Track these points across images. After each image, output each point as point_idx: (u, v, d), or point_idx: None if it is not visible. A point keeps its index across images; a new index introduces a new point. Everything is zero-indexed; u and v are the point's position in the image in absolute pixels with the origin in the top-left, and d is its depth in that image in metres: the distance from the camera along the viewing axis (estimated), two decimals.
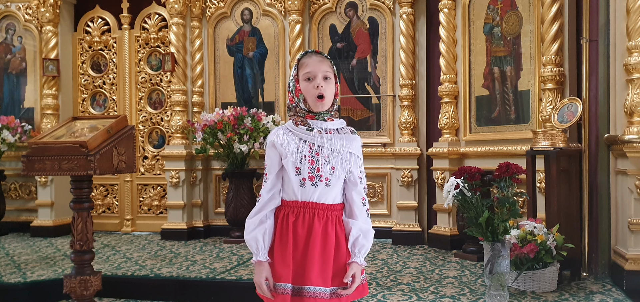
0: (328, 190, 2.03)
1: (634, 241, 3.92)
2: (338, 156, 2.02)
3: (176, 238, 6.33)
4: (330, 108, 2.07)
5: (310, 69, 2.03)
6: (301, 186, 2.02)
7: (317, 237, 2.02)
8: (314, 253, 2.01)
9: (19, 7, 7.09)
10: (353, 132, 2.10)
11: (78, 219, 3.47)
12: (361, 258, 2.04)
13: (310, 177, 2.02)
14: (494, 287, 3.57)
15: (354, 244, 2.05)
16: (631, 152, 3.83)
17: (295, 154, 2.01)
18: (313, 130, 2.03)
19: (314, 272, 1.99)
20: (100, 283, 3.56)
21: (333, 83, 2.06)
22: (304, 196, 2.03)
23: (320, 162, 2.02)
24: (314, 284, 1.99)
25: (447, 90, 5.71)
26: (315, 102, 2.03)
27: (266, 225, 2.06)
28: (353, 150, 2.06)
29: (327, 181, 2.02)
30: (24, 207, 7.16)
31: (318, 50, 2.13)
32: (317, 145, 2.02)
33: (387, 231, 6.03)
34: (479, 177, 4.57)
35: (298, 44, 6.25)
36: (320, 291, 1.99)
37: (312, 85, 2.02)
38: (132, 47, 6.94)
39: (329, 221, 2.04)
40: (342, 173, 2.04)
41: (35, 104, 7.07)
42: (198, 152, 6.25)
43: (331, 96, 2.06)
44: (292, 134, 2.05)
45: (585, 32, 4.35)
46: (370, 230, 2.08)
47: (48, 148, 3.36)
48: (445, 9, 5.71)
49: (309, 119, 2.05)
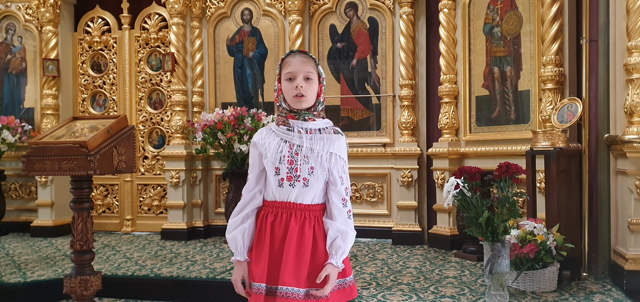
0: (306, 190, 2.02)
1: (634, 241, 3.92)
2: (317, 156, 2.01)
3: (176, 238, 6.33)
4: (313, 108, 2.06)
5: (292, 68, 2.04)
6: (279, 186, 2.02)
7: (292, 236, 2.01)
8: (289, 253, 1.99)
9: (19, 7, 7.08)
10: (337, 132, 2.08)
11: (78, 219, 3.47)
12: (338, 260, 2.01)
13: (288, 177, 2.01)
14: (494, 287, 3.57)
15: (331, 246, 2.02)
16: (631, 152, 3.83)
17: (275, 154, 2.02)
18: (293, 130, 2.03)
19: (287, 272, 1.98)
20: (100, 283, 3.56)
21: (316, 83, 2.06)
22: (282, 196, 2.03)
23: (299, 162, 2.01)
24: (286, 284, 1.97)
25: (447, 90, 5.71)
26: (294, 100, 2.03)
27: (246, 224, 2.07)
28: (334, 150, 2.03)
29: (305, 181, 2.01)
30: (24, 207, 7.15)
31: (303, 50, 2.13)
32: (296, 145, 2.02)
33: (387, 231, 6.03)
34: (479, 177, 4.57)
35: (298, 44, 6.25)
36: (292, 291, 1.97)
37: (292, 86, 2.03)
38: (132, 47, 6.94)
39: (306, 221, 2.03)
40: (322, 173, 2.03)
41: (35, 104, 7.07)
42: (198, 152, 6.26)
43: (313, 96, 2.05)
44: (273, 134, 2.06)
45: (585, 32, 4.35)
46: (349, 232, 2.03)
47: (48, 148, 3.36)
48: (445, 9, 5.71)
49: (290, 119, 2.05)
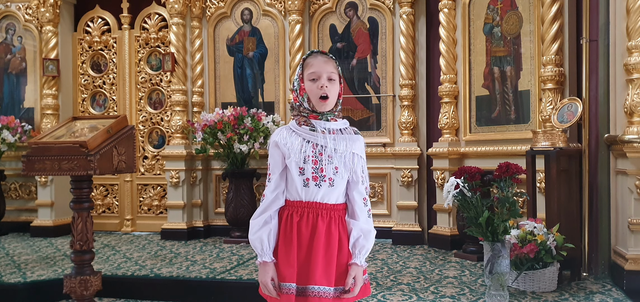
0: (331, 190, 2.04)
1: (634, 241, 3.92)
2: (341, 156, 2.04)
3: (176, 238, 6.33)
4: (334, 108, 2.08)
5: (315, 69, 2.05)
6: (305, 186, 2.03)
7: (320, 237, 2.03)
8: (318, 253, 2.02)
9: (19, 7, 7.08)
10: (356, 133, 2.12)
11: (78, 219, 3.47)
12: (362, 259, 2.05)
13: (314, 177, 2.02)
14: (494, 287, 3.57)
15: (355, 245, 2.05)
16: (631, 152, 3.83)
17: (299, 154, 2.02)
18: (316, 131, 2.03)
19: (317, 271, 2.00)
20: (100, 283, 3.56)
21: (337, 84, 2.07)
22: (308, 196, 2.04)
23: (323, 162, 2.02)
24: (318, 284, 2.00)
25: (447, 90, 5.71)
26: (319, 103, 2.04)
27: (271, 225, 2.07)
28: (356, 150, 2.07)
29: (331, 181, 2.03)
30: (24, 207, 7.16)
31: (323, 51, 2.14)
32: (320, 146, 2.03)
33: (387, 231, 6.03)
34: (479, 177, 4.56)
35: (298, 44, 6.25)
36: (324, 290, 2.00)
37: (317, 86, 2.03)
38: (132, 47, 6.94)
39: (332, 220, 2.05)
40: (346, 173, 2.05)
41: (35, 104, 7.07)
42: (198, 152, 6.25)
43: (335, 97, 2.07)
44: (295, 134, 2.05)
45: (585, 32, 4.35)
46: (371, 230, 2.08)
47: (48, 148, 3.36)
48: (445, 9, 5.71)
49: (312, 119, 2.06)
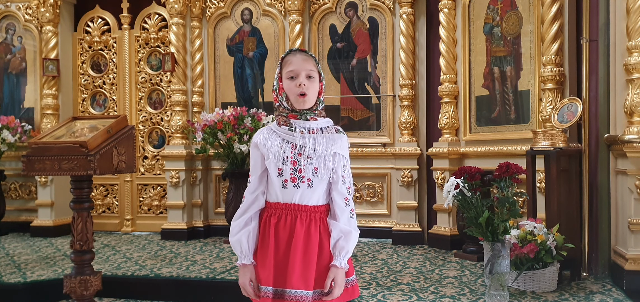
0: (310, 191, 2.00)
1: (634, 241, 3.92)
2: (321, 156, 1.98)
3: (176, 238, 6.33)
4: (314, 107, 2.03)
5: (294, 67, 2.00)
6: (283, 187, 1.99)
7: (298, 239, 1.99)
8: (296, 256, 1.97)
9: (19, 7, 7.09)
10: (338, 131, 2.05)
11: (78, 219, 3.47)
12: (342, 261, 1.99)
13: (292, 179, 1.98)
14: (494, 287, 3.57)
15: (335, 247, 2.00)
16: (631, 152, 3.83)
17: (278, 155, 1.98)
18: (295, 131, 1.99)
19: (295, 275, 1.96)
20: (100, 283, 3.56)
21: (317, 82, 2.02)
22: (286, 197, 2.00)
23: (302, 163, 1.98)
24: (295, 288, 1.96)
25: (447, 90, 5.71)
26: (297, 100, 1.99)
27: (250, 227, 2.05)
28: (337, 149, 2.01)
29: (310, 182, 1.99)
30: (24, 207, 7.16)
31: (303, 49, 2.10)
32: (299, 146, 1.98)
33: (387, 231, 6.03)
34: (479, 177, 4.56)
35: (298, 44, 6.25)
36: (301, 294, 1.96)
37: (295, 84, 1.99)
38: (132, 47, 6.94)
39: (312, 222, 2.01)
40: (326, 174, 2.00)
41: (35, 104, 7.07)
42: (198, 152, 6.26)
43: (314, 95, 2.02)
44: (275, 135, 2.02)
45: (585, 32, 4.35)
46: (352, 231, 2.01)
47: (48, 148, 3.36)
48: (445, 9, 5.71)
49: (291, 119, 2.01)
